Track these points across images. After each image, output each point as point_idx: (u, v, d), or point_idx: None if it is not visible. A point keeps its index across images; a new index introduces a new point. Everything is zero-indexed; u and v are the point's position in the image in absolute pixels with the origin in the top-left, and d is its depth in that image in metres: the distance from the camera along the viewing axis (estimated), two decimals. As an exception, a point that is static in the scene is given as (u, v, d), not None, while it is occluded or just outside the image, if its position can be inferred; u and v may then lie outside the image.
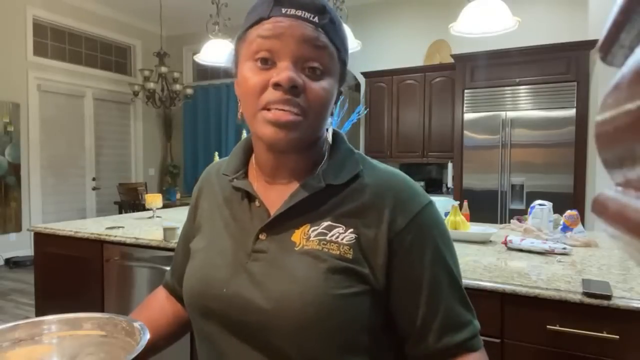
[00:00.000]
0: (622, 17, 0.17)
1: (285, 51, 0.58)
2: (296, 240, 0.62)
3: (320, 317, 0.58)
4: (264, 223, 0.64)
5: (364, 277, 0.60)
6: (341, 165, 0.66)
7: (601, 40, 0.19)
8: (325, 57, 0.59)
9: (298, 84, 0.57)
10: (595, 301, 1.15)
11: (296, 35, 0.57)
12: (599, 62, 3.34)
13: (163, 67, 5.60)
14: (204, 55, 2.96)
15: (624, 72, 0.16)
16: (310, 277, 0.59)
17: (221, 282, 0.63)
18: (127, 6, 6.08)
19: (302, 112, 0.58)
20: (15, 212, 5.21)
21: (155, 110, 6.74)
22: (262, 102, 0.58)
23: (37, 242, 2.28)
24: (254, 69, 0.59)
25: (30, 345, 0.63)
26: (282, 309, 0.58)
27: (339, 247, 0.61)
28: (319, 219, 0.63)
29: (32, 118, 5.33)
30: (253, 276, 0.62)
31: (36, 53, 5.39)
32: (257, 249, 0.64)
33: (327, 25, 0.59)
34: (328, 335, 0.59)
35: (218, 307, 0.63)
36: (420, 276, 0.62)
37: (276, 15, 0.58)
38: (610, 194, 0.18)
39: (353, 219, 0.62)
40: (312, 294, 0.58)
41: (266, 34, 0.58)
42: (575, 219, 1.88)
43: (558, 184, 3.95)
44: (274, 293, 0.60)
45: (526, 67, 4.04)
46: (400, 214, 0.62)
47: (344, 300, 0.59)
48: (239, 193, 0.69)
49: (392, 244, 0.61)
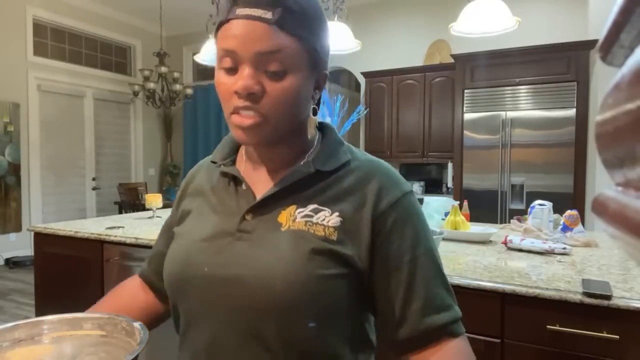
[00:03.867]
0: (622, 17, 0.17)
1: (243, 56, 0.59)
2: (282, 221, 0.64)
3: (303, 297, 0.59)
4: (250, 204, 0.66)
5: (347, 260, 0.62)
6: (330, 154, 0.68)
7: (601, 40, 0.19)
8: (283, 56, 0.59)
9: (255, 90, 0.59)
10: (595, 301, 1.15)
11: (250, 39, 0.58)
12: (599, 62, 3.34)
13: (163, 67, 5.60)
14: (204, 55, 2.96)
15: (624, 72, 0.16)
16: (294, 256, 0.60)
17: (202, 262, 0.64)
18: (127, 6, 6.08)
19: (262, 116, 0.60)
20: (15, 212, 5.21)
21: (155, 110, 6.74)
22: (231, 108, 0.61)
23: (37, 242, 2.28)
24: (222, 75, 0.62)
25: (30, 345, 0.63)
26: (264, 287, 0.59)
27: (324, 229, 0.62)
28: (306, 202, 0.65)
29: (32, 118, 5.33)
30: (236, 255, 0.63)
31: (36, 53, 5.39)
32: (242, 228, 0.65)
33: (284, 17, 0.58)
34: (308, 316, 0.60)
35: (199, 287, 0.64)
36: (400, 256, 0.63)
37: (232, 17, 0.59)
38: (610, 194, 0.18)
39: (338, 203, 0.64)
40: (296, 273, 0.59)
41: (224, 40, 0.60)
42: (575, 219, 1.88)
43: (558, 184, 3.95)
44: (258, 271, 0.60)
45: (526, 67, 4.04)
46: (384, 197, 0.65)
47: (327, 281, 0.60)
48: (226, 179, 0.71)
49: (374, 224, 0.63)
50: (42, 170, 5.49)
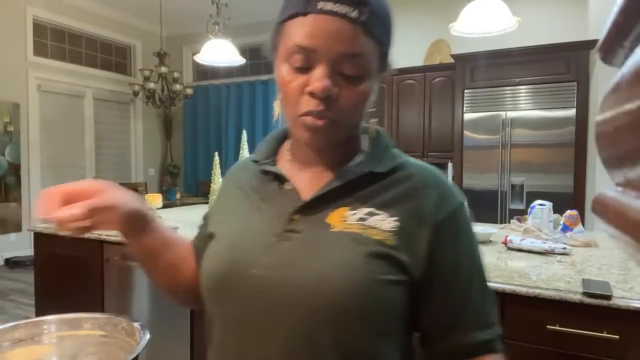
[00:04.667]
0: (622, 17, 0.17)
1: (321, 55, 0.55)
2: (332, 223, 0.61)
3: (361, 300, 0.56)
4: (298, 204, 0.63)
5: (404, 266, 0.59)
6: (382, 156, 0.66)
7: (601, 40, 0.19)
8: (363, 61, 0.56)
9: (332, 92, 0.56)
10: (595, 301, 1.15)
11: (334, 38, 0.54)
12: (599, 62, 3.33)
13: (163, 67, 5.61)
14: (204, 55, 2.96)
15: (624, 72, 0.16)
16: (350, 258, 0.57)
17: (249, 263, 0.60)
18: (127, 6, 6.08)
19: (333, 119, 0.57)
20: (15, 212, 5.21)
21: (155, 110, 6.74)
22: (300, 109, 0.58)
23: (37, 242, 2.28)
24: (290, 72, 0.58)
25: (30, 345, 0.63)
26: (319, 289, 0.56)
27: (381, 233, 0.59)
28: (359, 204, 0.62)
29: (32, 118, 5.33)
30: (286, 256, 0.60)
31: (36, 53, 5.39)
32: (289, 229, 0.62)
33: (369, 18, 0.54)
34: (365, 323, 0.57)
35: (243, 289, 0.60)
36: (455, 268, 0.62)
37: (312, 11, 0.54)
38: (610, 194, 0.18)
39: (394, 207, 0.61)
40: (353, 275, 0.56)
41: (300, 35, 0.56)
42: (575, 219, 1.88)
43: (558, 184, 3.95)
44: (311, 272, 0.57)
45: (526, 67, 4.04)
46: (443, 206, 0.62)
47: (384, 287, 0.57)
48: (269, 178, 0.68)
49: (433, 233, 0.61)
50: (42, 170, 5.49)
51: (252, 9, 5.89)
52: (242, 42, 6.03)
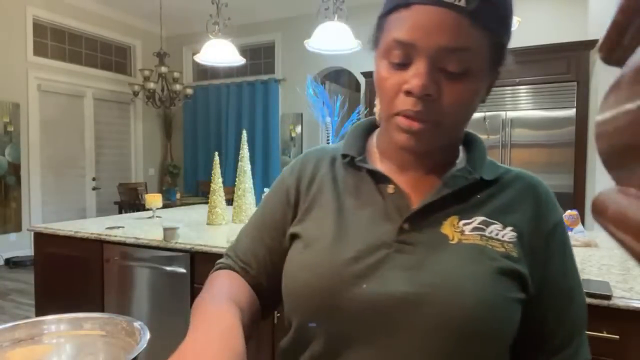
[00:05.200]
0: (623, 17, 0.17)
1: (420, 49, 0.49)
2: (448, 233, 0.55)
3: (492, 319, 0.51)
4: (407, 211, 0.57)
5: (525, 282, 0.55)
6: (483, 161, 0.61)
7: (601, 40, 0.19)
8: (469, 56, 0.50)
9: (432, 91, 0.50)
10: (595, 301, 1.15)
11: (436, 30, 0.48)
12: (599, 62, 3.34)
13: (163, 67, 5.60)
14: (204, 55, 2.96)
15: (624, 72, 0.16)
16: (479, 273, 0.52)
17: (358, 277, 0.54)
18: (127, 6, 6.08)
19: (433, 120, 0.52)
20: (15, 212, 5.21)
21: (155, 110, 6.74)
22: (396, 108, 0.53)
23: (37, 242, 2.28)
24: (387, 69, 0.53)
25: (30, 345, 0.63)
26: (452, 309, 0.50)
27: (502, 245, 0.54)
28: (470, 213, 0.57)
29: (32, 118, 5.33)
30: (403, 270, 0.54)
31: (36, 53, 5.39)
32: (401, 239, 0.55)
33: (479, 7, 0.48)
34: (495, 342, 0.53)
35: (352, 307, 0.53)
36: (561, 281, 0.58)
37: (415, 2, 0.49)
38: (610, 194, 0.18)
39: (509, 216, 0.57)
40: (486, 292, 0.51)
41: (399, 29, 0.50)
42: (575, 219, 1.88)
43: (558, 184, 3.95)
44: (441, 291, 0.51)
45: (526, 67, 4.04)
46: (551, 215, 0.59)
47: (510, 306, 0.53)
48: (363, 177, 0.61)
49: (545, 243, 0.57)
50: (42, 170, 5.49)
51: (252, 9, 5.90)
52: (242, 42, 6.03)
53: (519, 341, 0.57)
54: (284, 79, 6.20)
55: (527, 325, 0.56)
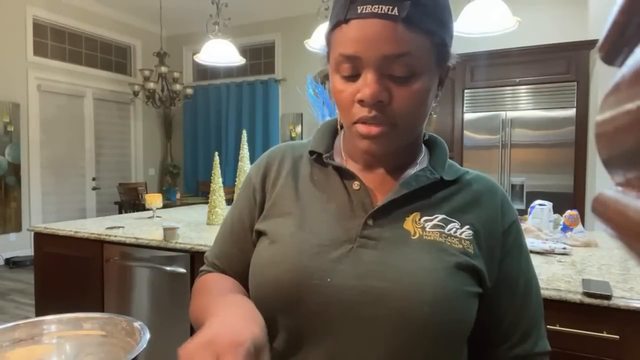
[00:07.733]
0: (622, 17, 0.17)
1: (365, 61, 0.53)
2: (410, 229, 0.58)
3: (451, 314, 0.54)
4: (371, 207, 0.59)
5: (481, 277, 0.58)
6: (444, 162, 0.64)
7: (601, 40, 0.19)
8: (412, 59, 0.53)
9: (382, 97, 0.53)
10: (595, 301, 1.15)
11: (375, 42, 0.51)
12: (599, 62, 3.34)
13: (163, 67, 5.61)
14: (204, 55, 2.96)
15: (624, 72, 0.16)
16: (439, 269, 0.55)
17: (323, 271, 0.56)
18: (127, 6, 6.08)
19: (390, 123, 0.55)
20: (15, 212, 5.21)
21: (155, 110, 6.74)
22: (354, 117, 0.56)
23: (37, 242, 2.28)
24: (340, 82, 0.56)
25: (30, 345, 0.63)
26: (411, 302, 0.53)
27: (460, 242, 0.58)
28: (431, 211, 0.60)
29: (32, 118, 5.33)
30: (366, 265, 0.56)
31: (36, 53, 5.39)
32: (365, 235, 0.58)
33: (413, 12, 0.51)
34: (453, 334, 0.56)
35: (319, 300, 0.56)
36: (517, 278, 0.62)
37: (353, 17, 0.52)
38: (610, 194, 0.18)
39: (466, 215, 0.60)
40: (445, 287, 0.54)
41: (343, 44, 0.54)
42: (575, 219, 1.88)
43: (558, 184, 3.95)
44: (401, 285, 0.54)
45: (526, 67, 4.04)
46: (507, 214, 0.63)
47: (467, 300, 0.56)
48: (329, 173, 0.64)
49: (501, 241, 0.61)
50: (42, 170, 5.49)
51: (252, 9, 5.90)
52: (242, 42, 6.04)
53: (479, 338, 0.61)
54: (284, 79, 6.20)
55: (486, 322, 0.60)
